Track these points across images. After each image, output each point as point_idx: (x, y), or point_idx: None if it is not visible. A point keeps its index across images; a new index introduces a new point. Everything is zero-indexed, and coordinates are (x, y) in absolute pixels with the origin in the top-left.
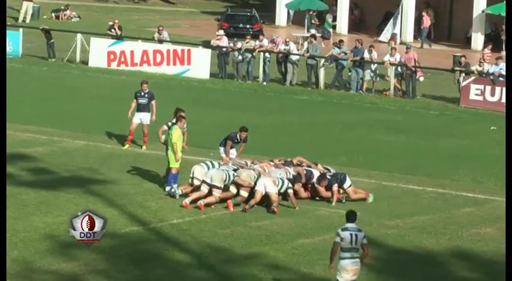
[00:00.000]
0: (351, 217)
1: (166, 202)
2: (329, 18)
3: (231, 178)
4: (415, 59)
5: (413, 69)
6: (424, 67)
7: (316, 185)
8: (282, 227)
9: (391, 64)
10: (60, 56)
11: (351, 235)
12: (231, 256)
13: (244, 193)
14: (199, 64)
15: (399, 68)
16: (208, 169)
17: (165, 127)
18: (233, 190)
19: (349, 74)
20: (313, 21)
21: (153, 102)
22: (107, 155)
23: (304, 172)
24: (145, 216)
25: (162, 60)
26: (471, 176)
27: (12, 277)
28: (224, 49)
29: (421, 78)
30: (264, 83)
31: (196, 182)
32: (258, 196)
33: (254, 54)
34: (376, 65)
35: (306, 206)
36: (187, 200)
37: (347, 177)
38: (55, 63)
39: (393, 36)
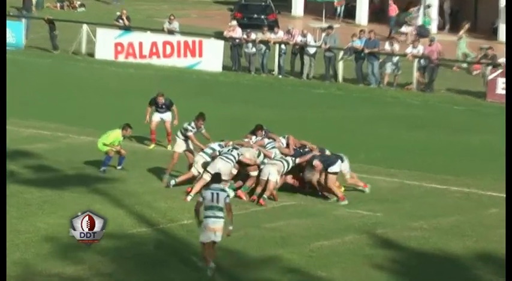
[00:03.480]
0: (215, 178)
1: (176, 201)
2: (430, 13)
3: (237, 158)
4: (439, 52)
5: (436, 62)
6: (449, 60)
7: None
8: (298, 228)
9: (414, 57)
10: (66, 47)
11: (212, 193)
12: (244, 259)
13: (253, 173)
14: (211, 56)
15: (422, 61)
16: (211, 159)
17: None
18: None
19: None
20: (406, 19)
21: (174, 107)
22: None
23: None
24: (153, 216)
25: (172, 52)
26: (497, 175)
27: (13, 279)
28: (237, 40)
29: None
30: (280, 76)
31: (195, 172)
32: (262, 184)
33: (269, 45)
34: (397, 57)
35: (323, 205)
36: (189, 198)
37: (338, 162)
38: (60, 55)
39: (416, 28)
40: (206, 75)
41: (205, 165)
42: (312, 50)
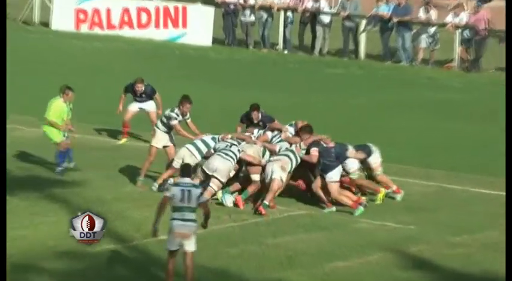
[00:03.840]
0: (185, 170)
1: (153, 210)
2: None
3: (238, 155)
4: (487, 20)
5: (484, 34)
6: (500, 31)
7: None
8: (308, 245)
9: (456, 27)
10: (13, 15)
11: (182, 191)
12: None
13: (255, 177)
14: (199, 27)
15: (466, 33)
16: (202, 156)
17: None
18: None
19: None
20: None
21: (157, 95)
22: (75, 147)
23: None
24: (125, 230)
25: (149, 22)
26: None
27: None
28: (231, 6)
29: None
30: (285, 52)
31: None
32: (267, 188)
33: (272, 12)
34: (435, 28)
35: (339, 215)
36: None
37: (338, 169)
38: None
39: None
40: (192, 51)
41: (192, 161)
42: (326, 19)
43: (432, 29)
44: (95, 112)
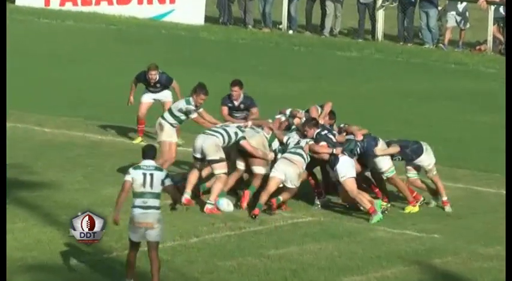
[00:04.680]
0: (147, 152)
1: None
2: None
3: (233, 138)
4: None
5: None
6: None
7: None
8: (317, 257)
9: (489, 3)
10: None
11: (144, 175)
12: None
13: (259, 170)
14: (189, 2)
15: (501, 9)
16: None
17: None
18: (240, 165)
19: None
20: None
21: (174, 84)
22: (46, 144)
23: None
24: (104, 239)
25: None
26: None
27: None
28: None
29: None
30: (290, 32)
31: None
32: (272, 185)
33: None
34: (464, 4)
35: (353, 222)
36: (186, 195)
37: (350, 163)
38: None
39: None
40: (181, 31)
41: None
42: None
43: (461, 6)
44: (68, 104)
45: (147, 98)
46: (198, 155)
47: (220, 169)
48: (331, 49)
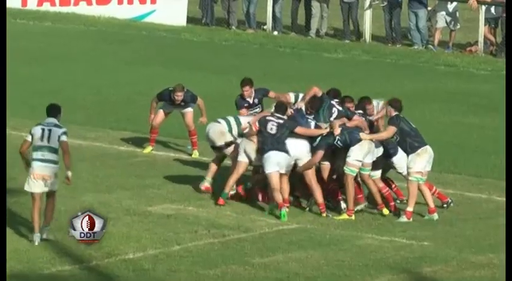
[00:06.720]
0: (51, 110)
1: (118, 224)
2: None
3: (236, 125)
4: None
5: None
6: None
7: None
8: (303, 265)
9: (480, 3)
10: None
11: (43, 130)
12: None
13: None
14: (170, 2)
15: (492, 9)
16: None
17: None
18: (243, 157)
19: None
20: None
21: (199, 101)
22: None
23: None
24: (83, 248)
25: None
26: None
27: None
28: None
29: None
30: (275, 33)
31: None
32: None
33: None
34: (454, 4)
35: (341, 230)
36: (206, 183)
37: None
38: None
39: None
40: (162, 32)
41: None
42: None
43: (452, 6)
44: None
45: (167, 109)
46: (210, 144)
47: (229, 153)
48: (317, 50)
